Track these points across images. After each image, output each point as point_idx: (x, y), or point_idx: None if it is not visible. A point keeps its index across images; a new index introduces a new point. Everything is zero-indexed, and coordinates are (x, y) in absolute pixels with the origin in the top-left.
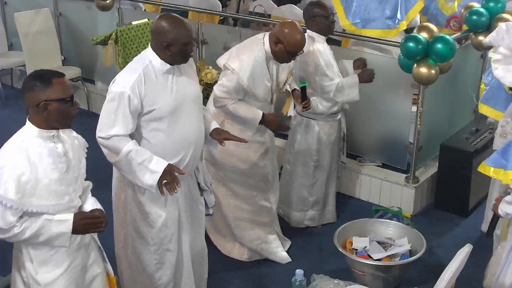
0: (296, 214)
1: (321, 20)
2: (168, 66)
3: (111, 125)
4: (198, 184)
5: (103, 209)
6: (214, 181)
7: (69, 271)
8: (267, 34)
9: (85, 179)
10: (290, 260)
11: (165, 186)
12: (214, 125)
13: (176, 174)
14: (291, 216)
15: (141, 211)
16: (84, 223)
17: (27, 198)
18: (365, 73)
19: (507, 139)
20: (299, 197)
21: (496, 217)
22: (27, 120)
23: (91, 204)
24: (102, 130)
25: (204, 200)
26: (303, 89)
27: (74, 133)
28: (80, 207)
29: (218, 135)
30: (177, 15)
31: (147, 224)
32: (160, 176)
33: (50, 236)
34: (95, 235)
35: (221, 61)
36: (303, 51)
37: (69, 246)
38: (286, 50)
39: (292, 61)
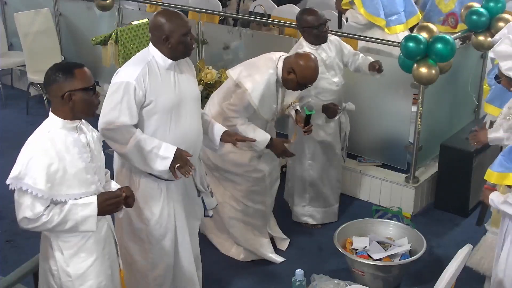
0: (295, 209)
1: (311, 32)
2: (169, 61)
3: (117, 115)
4: (195, 185)
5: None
6: (212, 180)
7: (99, 261)
8: (282, 57)
9: None
10: (283, 259)
11: (179, 170)
12: (222, 128)
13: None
14: (293, 210)
15: (135, 208)
16: (108, 204)
17: (56, 187)
18: (328, 109)
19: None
20: (297, 192)
21: (485, 207)
22: (50, 112)
23: (115, 185)
24: (107, 122)
25: (203, 201)
26: (308, 116)
27: (90, 126)
28: None
29: (230, 137)
30: (173, 10)
31: (141, 221)
32: (172, 161)
33: (77, 221)
34: (113, 228)
35: (232, 73)
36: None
37: (96, 230)
38: (297, 81)
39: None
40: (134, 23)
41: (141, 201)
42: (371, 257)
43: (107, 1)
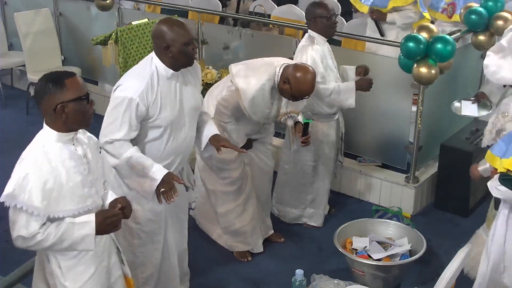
0: (293, 211)
1: (323, 21)
2: (171, 71)
3: (116, 130)
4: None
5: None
6: (204, 168)
7: (97, 275)
8: (284, 65)
9: None
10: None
11: (162, 195)
12: (214, 130)
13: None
14: (288, 214)
15: None
16: (108, 223)
17: (53, 204)
18: (363, 81)
19: (494, 135)
20: (296, 195)
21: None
22: (44, 124)
23: (111, 196)
24: (106, 135)
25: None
26: (306, 125)
27: (88, 133)
28: (103, 205)
29: (216, 142)
30: (177, 19)
31: (133, 219)
32: (158, 184)
33: (74, 240)
34: (114, 237)
35: (232, 69)
36: (308, 97)
37: (94, 248)
38: (291, 92)
39: (306, 99)
40: (134, 23)
41: (133, 198)
42: (371, 257)
43: (107, 1)
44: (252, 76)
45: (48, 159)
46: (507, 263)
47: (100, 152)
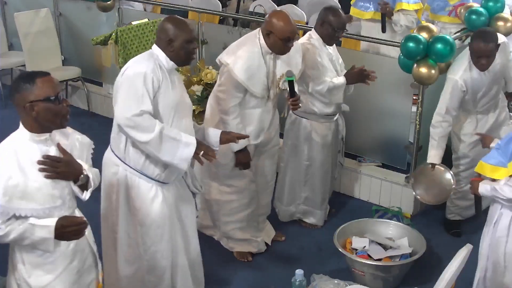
0: (288, 209)
1: (328, 29)
2: (172, 63)
3: (141, 102)
4: (188, 187)
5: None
6: (209, 176)
7: (64, 275)
8: (261, 29)
9: None
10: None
11: (204, 157)
12: (217, 130)
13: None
14: (282, 211)
15: (131, 209)
16: (67, 231)
17: (16, 201)
18: (352, 73)
19: None
20: (290, 192)
21: (478, 198)
22: (20, 123)
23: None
24: (130, 109)
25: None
26: (291, 84)
27: (77, 134)
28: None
29: (229, 135)
30: (181, 18)
31: (137, 222)
32: (196, 148)
33: (34, 241)
34: (91, 239)
35: (219, 57)
36: (297, 35)
37: (55, 248)
38: (278, 39)
39: (301, 60)
40: (134, 23)
41: (137, 201)
42: (371, 257)
43: (108, 2)
44: (237, 50)
45: (15, 157)
46: (508, 263)
47: (92, 153)
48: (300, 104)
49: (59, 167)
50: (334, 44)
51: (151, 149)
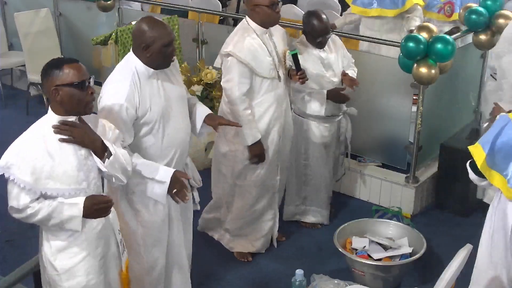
0: (287, 208)
1: (314, 37)
2: (151, 70)
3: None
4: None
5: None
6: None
7: (88, 260)
8: (247, 14)
9: None
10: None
11: (177, 195)
12: (206, 110)
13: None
14: (285, 211)
15: (132, 209)
16: (94, 209)
17: (43, 181)
18: (333, 92)
19: None
20: (291, 192)
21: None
22: (49, 108)
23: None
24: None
25: (193, 195)
26: (295, 57)
27: (101, 119)
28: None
29: (213, 121)
30: (158, 18)
31: (138, 222)
32: (169, 186)
33: (62, 219)
34: (116, 227)
35: (217, 61)
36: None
37: (88, 228)
38: (265, 6)
39: (284, 32)
40: (134, 23)
41: (138, 203)
42: (371, 257)
43: (108, 2)
44: (233, 38)
45: (44, 140)
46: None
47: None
48: (307, 77)
49: (74, 132)
50: (335, 41)
51: (130, 181)
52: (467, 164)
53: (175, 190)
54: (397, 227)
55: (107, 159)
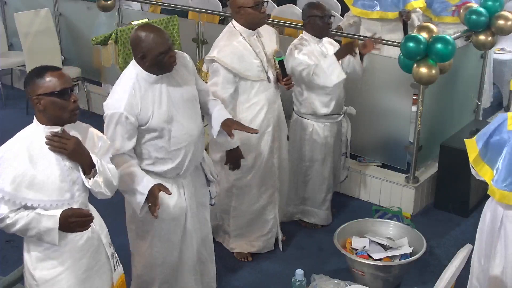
0: (287, 209)
1: (316, 21)
2: (154, 76)
3: (113, 145)
4: (205, 175)
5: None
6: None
7: (70, 272)
8: (232, 17)
9: None
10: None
11: (149, 209)
12: (225, 115)
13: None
14: (286, 212)
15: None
16: (70, 221)
17: (23, 190)
18: (342, 48)
19: None
20: (290, 192)
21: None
22: (34, 116)
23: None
24: (110, 150)
25: (209, 190)
26: (281, 63)
27: (91, 129)
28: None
29: (228, 127)
30: (155, 25)
31: (152, 218)
32: (145, 198)
33: (39, 231)
34: (106, 240)
35: (204, 66)
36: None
37: (62, 243)
38: (249, 7)
39: (273, 31)
40: (134, 23)
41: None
42: (371, 257)
43: (109, 2)
44: (219, 43)
45: (27, 148)
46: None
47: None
48: (293, 82)
49: (67, 143)
50: (332, 43)
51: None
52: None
53: (149, 204)
54: (397, 227)
55: (92, 177)
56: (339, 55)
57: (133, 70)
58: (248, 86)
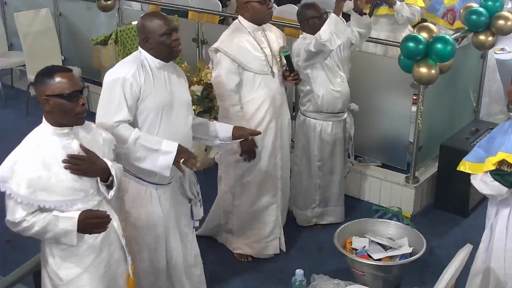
0: (304, 213)
1: (315, 22)
2: (161, 62)
3: (116, 111)
4: (186, 192)
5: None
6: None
7: (93, 267)
8: (239, 13)
9: None
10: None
11: (184, 164)
12: (229, 125)
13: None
14: (299, 215)
15: (124, 212)
16: (87, 223)
17: (39, 193)
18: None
19: None
20: (306, 196)
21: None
22: (43, 117)
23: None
24: (107, 120)
25: (191, 209)
26: (288, 58)
27: (100, 130)
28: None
29: (243, 131)
30: (159, 12)
31: (131, 226)
32: (175, 156)
33: (57, 233)
34: (120, 232)
35: (210, 55)
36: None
37: (89, 238)
38: (256, 1)
39: (282, 34)
40: (134, 23)
41: (128, 204)
42: (371, 257)
43: (109, 2)
44: (224, 36)
45: (39, 150)
46: (508, 270)
47: (113, 149)
48: (301, 77)
49: (82, 165)
50: None
51: (130, 159)
52: (490, 177)
53: (182, 159)
54: (397, 227)
55: (111, 190)
56: (337, 11)
57: (140, 55)
58: (250, 79)
